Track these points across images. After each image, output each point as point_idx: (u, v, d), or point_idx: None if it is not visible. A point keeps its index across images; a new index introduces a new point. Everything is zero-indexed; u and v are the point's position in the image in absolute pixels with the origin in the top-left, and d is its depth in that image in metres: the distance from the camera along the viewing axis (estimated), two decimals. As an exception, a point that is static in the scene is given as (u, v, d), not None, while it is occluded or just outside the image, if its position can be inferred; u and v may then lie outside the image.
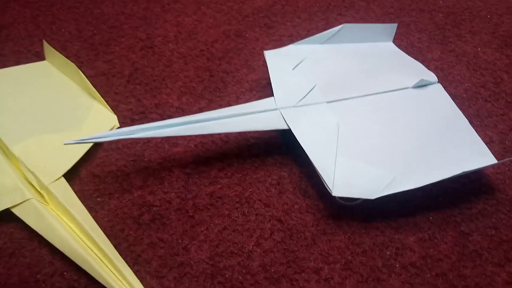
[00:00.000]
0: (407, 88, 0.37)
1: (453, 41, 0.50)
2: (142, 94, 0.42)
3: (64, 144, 0.31)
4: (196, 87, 0.43)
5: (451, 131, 0.34)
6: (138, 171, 0.35)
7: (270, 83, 0.43)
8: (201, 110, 0.40)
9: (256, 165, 0.36)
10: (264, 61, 0.46)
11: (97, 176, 0.35)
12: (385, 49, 0.42)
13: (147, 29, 0.50)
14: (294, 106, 0.34)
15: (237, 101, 0.41)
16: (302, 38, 0.48)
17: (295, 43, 0.42)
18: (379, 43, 0.43)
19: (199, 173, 0.35)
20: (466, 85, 0.44)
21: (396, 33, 0.44)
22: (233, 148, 0.37)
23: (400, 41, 0.49)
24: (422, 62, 0.43)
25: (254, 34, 0.49)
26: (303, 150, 0.33)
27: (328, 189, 0.30)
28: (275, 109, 0.34)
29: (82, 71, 0.41)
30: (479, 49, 0.49)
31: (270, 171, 0.35)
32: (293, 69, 0.38)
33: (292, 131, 0.33)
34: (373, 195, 0.30)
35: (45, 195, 0.32)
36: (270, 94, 0.41)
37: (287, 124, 0.34)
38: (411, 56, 0.42)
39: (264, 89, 0.43)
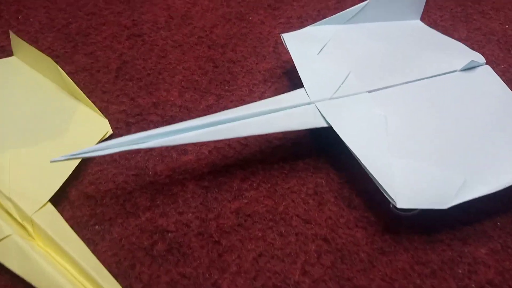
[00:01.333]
0: (455, 71, 0.32)
1: (477, 18, 0.45)
2: (135, 91, 0.35)
3: (51, 161, 0.24)
4: (200, 81, 0.36)
5: (512, 118, 0.30)
6: (143, 188, 0.29)
7: (285, 73, 0.37)
8: (209, 108, 0.34)
9: (286, 171, 0.30)
10: (275, 47, 0.39)
11: (91, 198, 0.28)
12: (415, 27, 0.37)
13: (132, 14, 0.42)
14: (330, 98, 0.29)
15: (251, 95, 0.35)
16: (313, 19, 0.42)
17: (314, 24, 0.35)
18: (406, 21, 0.37)
19: (218, 185, 0.29)
20: (502, 66, 0.40)
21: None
22: (254, 152, 0.31)
23: (422, 20, 0.43)
24: (456, 41, 0.38)
25: (258, 17, 0.43)
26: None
27: (390, 201, 0.25)
28: (309, 103, 0.28)
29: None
30: (506, 26, 0.44)
31: (304, 178, 0.30)
32: (318, 54, 0.33)
33: (334, 128, 0.27)
34: (445, 204, 0.24)
35: (29, 228, 0.25)
36: (288, 85, 0.36)
37: (326, 121, 0.28)
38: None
39: (279, 79, 0.36)
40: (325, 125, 0.28)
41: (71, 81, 0.32)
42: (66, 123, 0.31)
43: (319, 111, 0.28)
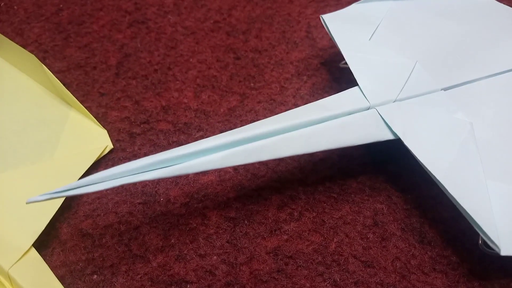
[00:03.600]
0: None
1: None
2: (140, 92, 0.28)
3: (27, 203, 0.17)
4: (219, 77, 0.29)
5: None
6: (153, 221, 0.22)
7: (323, 64, 0.30)
8: (232, 111, 0.27)
9: (335, 195, 0.23)
10: (308, 32, 0.32)
11: (88, 236, 0.22)
12: (487, 3, 0.29)
13: (134, -4, 0.36)
14: (395, 101, 0.22)
15: (283, 93, 0.28)
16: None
17: (359, 1, 0.28)
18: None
19: (249, 216, 0.22)
20: None
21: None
22: (292, 169, 0.24)
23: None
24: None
25: (285, -5, 0.35)
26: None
27: (493, 246, 0.18)
28: (368, 108, 0.21)
29: (47, 65, 0.27)
30: None
31: (359, 203, 0.23)
32: (370, 40, 0.25)
33: (405, 143, 0.20)
34: None
35: (7, 285, 0.19)
36: (327, 79, 0.29)
37: (393, 131, 0.21)
38: None
39: (317, 72, 0.29)
40: (391, 137, 0.21)
41: (60, 82, 0.25)
42: (54, 137, 0.25)
43: (382, 119, 0.21)
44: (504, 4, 0.29)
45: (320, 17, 0.27)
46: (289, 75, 0.29)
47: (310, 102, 0.28)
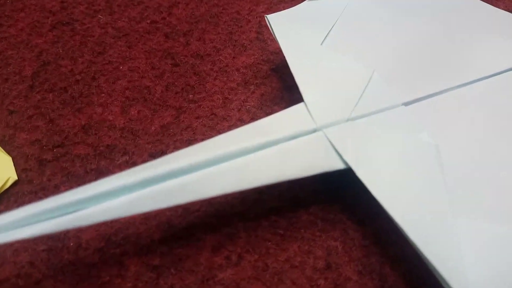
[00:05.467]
0: (529, 63, 0.21)
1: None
2: (57, 108, 0.24)
3: None
4: (153, 87, 0.25)
5: None
6: (59, 274, 0.18)
7: (274, 69, 0.26)
8: (165, 129, 0.23)
9: (281, 231, 0.20)
10: (259, 33, 0.28)
11: (-26, 297, 0.18)
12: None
13: (61, -7, 0.31)
14: (348, 120, 0.18)
15: (226, 106, 0.24)
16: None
17: (311, -3, 0.24)
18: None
19: (176, 262, 0.19)
20: None
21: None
22: (231, 201, 0.21)
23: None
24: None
25: (234, -10, 0.31)
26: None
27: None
28: (314, 131, 0.18)
29: None
30: None
31: (309, 240, 0.19)
32: (322, 44, 0.22)
33: (357, 173, 0.17)
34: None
35: None
36: (279, 88, 0.25)
37: (343, 159, 0.17)
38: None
39: (267, 80, 0.26)
40: (341, 166, 0.17)
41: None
42: None
43: (331, 144, 0.17)
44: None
45: (265, 18, 0.23)
46: (234, 84, 0.25)
47: (257, 115, 0.24)
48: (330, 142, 0.17)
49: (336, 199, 0.21)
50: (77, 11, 0.30)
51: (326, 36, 0.22)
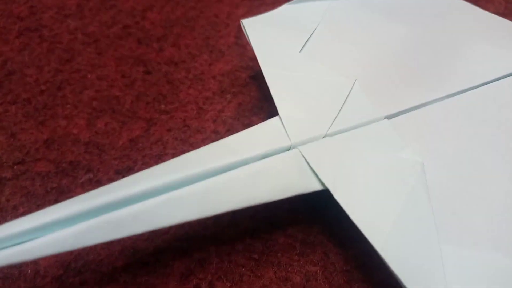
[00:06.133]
0: (522, 71, 0.20)
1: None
2: (19, 122, 0.22)
3: None
4: (122, 98, 0.23)
5: None
6: (10, 307, 0.17)
7: (253, 77, 0.25)
8: (133, 143, 0.22)
9: (256, 255, 0.18)
10: (238, 38, 0.27)
11: None
12: (447, 2, 0.24)
13: (30, -3, 0.29)
14: (326, 136, 0.16)
15: (200, 116, 0.23)
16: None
17: (291, 1, 0.23)
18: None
19: (141, 292, 0.17)
20: None
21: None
22: (203, 222, 0.19)
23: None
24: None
25: (213, -8, 0.30)
26: (341, 211, 0.16)
27: None
28: (288, 148, 0.16)
29: None
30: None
31: (286, 266, 0.18)
32: (300, 51, 0.20)
33: (334, 195, 0.15)
34: None
35: None
36: (258, 98, 0.24)
37: (319, 180, 0.16)
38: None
39: (245, 88, 0.24)
40: (318, 187, 0.16)
41: None
42: None
43: (307, 162, 0.16)
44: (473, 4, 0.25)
45: (240, 23, 0.22)
46: (210, 93, 0.24)
47: (234, 127, 0.22)
48: (306, 160, 0.16)
49: (316, 219, 0.19)
50: (46, 17, 0.28)
51: (305, 42, 0.21)
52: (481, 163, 0.16)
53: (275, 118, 0.17)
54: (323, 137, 0.16)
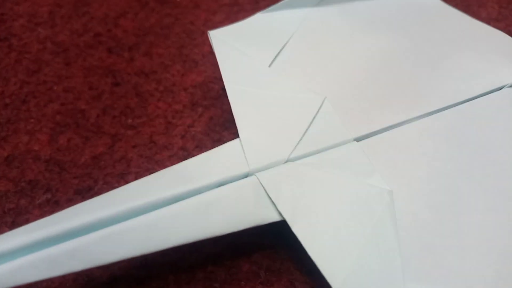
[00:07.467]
0: (503, 87, 0.18)
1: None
2: (-21, 137, 0.21)
3: None
4: (88, 111, 0.22)
5: None
6: None
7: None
8: (96, 160, 0.20)
9: (218, 284, 0.17)
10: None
11: None
12: (430, 8, 0.23)
13: (3, 4, 0.28)
14: (288, 161, 0.15)
15: (168, 132, 0.22)
16: (270, 0, 0.29)
17: (265, 10, 0.22)
18: (415, -4, 0.24)
19: (93, 324, 0.16)
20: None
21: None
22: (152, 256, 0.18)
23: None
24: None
25: (190, -3, 0.29)
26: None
27: None
28: (246, 175, 0.15)
29: None
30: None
31: (249, 296, 0.17)
32: (270, 66, 0.19)
33: (292, 228, 0.14)
34: None
35: None
36: (230, 111, 0.22)
37: (277, 210, 0.15)
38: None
39: (218, 101, 0.23)
40: (276, 218, 0.15)
41: None
42: None
43: (265, 190, 0.15)
44: (452, 5, 0.23)
45: (208, 34, 0.20)
46: (180, 106, 0.23)
47: (203, 143, 0.21)
48: (264, 188, 0.15)
49: (283, 245, 0.18)
50: (17, 25, 0.27)
51: (276, 55, 0.19)
52: (455, 191, 0.15)
53: (235, 141, 0.16)
54: (285, 162, 0.15)
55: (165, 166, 0.19)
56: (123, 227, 0.13)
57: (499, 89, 0.18)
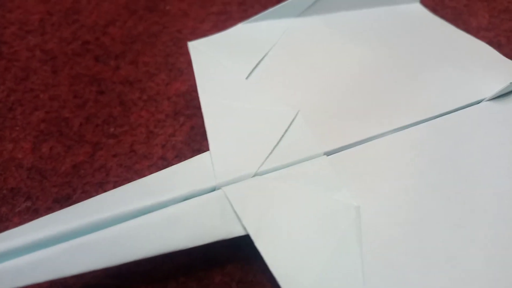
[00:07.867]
0: (482, 101, 0.18)
1: (504, -10, 0.31)
2: (-35, 144, 0.22)
3: None
4: (71, 120, 0.23)
5: None
6: None
7: (210, 99, 0.24)
8: (76, 169, 0.21)
9: (188, 295, 0.17)
10: (198, 55, 0.26)
11: None
12: (414, 17, 0.23)
13: (-5, 10, 0.29)
14: (256, 175, 0.15)
15: (149, 141, 0.22)
16: (262, 6, 0.29)
17: (247, 20, 0.22)
18: (400, 6, 0.24)
19: (64, 333, 0.16)
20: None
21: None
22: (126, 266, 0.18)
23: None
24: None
25: (180, 5, 0.29)
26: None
27: None
28: (213, 189, 0.15)
29: None
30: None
31: (219, 308, 0.17)
32: (247, 78, 0.19)
33: (256, 244, 0.14)
34: None
35: None
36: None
37: (242, 224, 0.15)
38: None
39: (199, 110, 0.23)
40: (241, 233, 0.15)
41: None
42: None
43: (231, 205, 0.15)
44: (437, 14, 0.23)
45: (188, 45, 0.21)
46: (162, 115, 0.23)
47: (183, 153, 0.22)
48: (230, 203, 0.15)
49: (257, 256, 0.18)
50: (8, 32, 0.27)
51: (255, 67, 0.20)
52: (423, 207, 0.15)
53: (205, 154, 0.16)
54: (253, 176, 0.15)
55: (144, 176, 0.19)
56: (88, 240, 0.13)
57: (478, 103, 0.18)
